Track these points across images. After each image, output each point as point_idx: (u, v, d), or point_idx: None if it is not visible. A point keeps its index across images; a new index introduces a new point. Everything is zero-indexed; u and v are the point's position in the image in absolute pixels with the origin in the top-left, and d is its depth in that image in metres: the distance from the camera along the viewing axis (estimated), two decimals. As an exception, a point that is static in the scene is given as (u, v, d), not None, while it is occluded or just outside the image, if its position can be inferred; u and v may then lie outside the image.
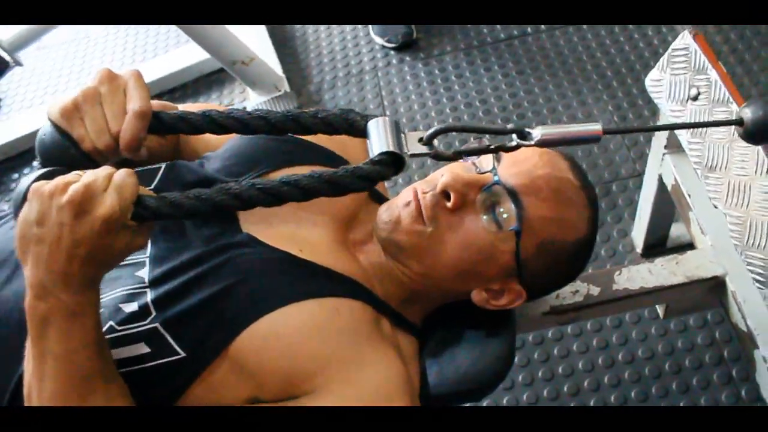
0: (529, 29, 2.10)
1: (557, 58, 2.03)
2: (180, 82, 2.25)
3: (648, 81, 1.23)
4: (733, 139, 1.07)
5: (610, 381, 1.46)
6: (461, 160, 0.97)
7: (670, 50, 1.19)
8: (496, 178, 0.87)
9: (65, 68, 2.44)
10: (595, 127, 0.73)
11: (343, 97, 2.08)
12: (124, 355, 0.79)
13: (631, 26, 2.06)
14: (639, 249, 1.61)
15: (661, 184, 1.38)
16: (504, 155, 0.91)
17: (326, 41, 2.25)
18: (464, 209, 0.88)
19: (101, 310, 0.80)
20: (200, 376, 0.79)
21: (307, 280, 0.84)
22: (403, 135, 0.74)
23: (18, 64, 2.07)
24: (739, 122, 0.76)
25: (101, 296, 0.81)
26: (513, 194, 0.86)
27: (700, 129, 1.12)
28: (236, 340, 0.79)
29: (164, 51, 2.40)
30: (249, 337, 0.79)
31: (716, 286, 1.17)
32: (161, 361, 0.79)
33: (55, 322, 0.69)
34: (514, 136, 0.72)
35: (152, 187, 0.91)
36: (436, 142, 0.74)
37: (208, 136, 1.07)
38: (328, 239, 0.91)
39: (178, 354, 0.79)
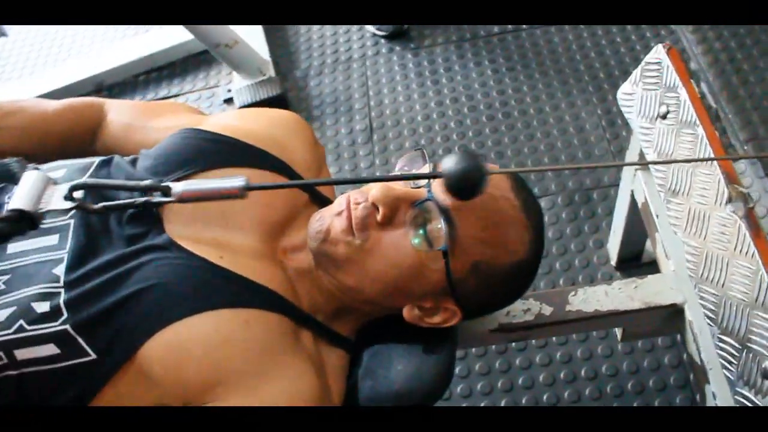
0: (523, 25, 2.04)
1: (549, 56, 1.97)
2: (168, 60, 2.21)
3: (620, 94, 1.18)
4: (697, 165, 1.02)
5: (570, 397, 1.42)
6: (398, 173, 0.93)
7: (643, 63, 1.13)
8: (429, 194, 0.84)
9: (51, 40, 2.41)
10: (236, 183, 0.69)
11: (329, 84, 2.04)
12: (33, 355, 0.77)
13: (628, 27, 1.98)
14: (613, 262, 1.57)
15: (634, 200, 1.33)
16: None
17: (317, 26, 2.20)
18: (394, 224, 0.84)
19: (12, 309, 0.78)
20: (110, 380, 0.78)
21: (221, 289, 0.82)
22: (49, 188, 0.71)
23: (2, 34, 2.05)
24: (438, 176, 0.71)
25: (15, 293, 0.79)
26: (445, 212, 0.82)
27: (666, 149, 1.07)
28: (143, 346, 0.77)
29: (154, 27, 2.36)
30: (155, 345, 0.77)
31: (674, 314, 1.12)
32: (72, 362, 0.78)
33: None
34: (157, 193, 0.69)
35: (83, 180, 0.89)
36: (80, 194, 0.71)
37: (142, 133, 1.04)
38: (253, 246, 0.88)
39: (89, 355, 0.78)
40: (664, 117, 1.08)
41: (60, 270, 0.81)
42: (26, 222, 0.70)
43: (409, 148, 1.84)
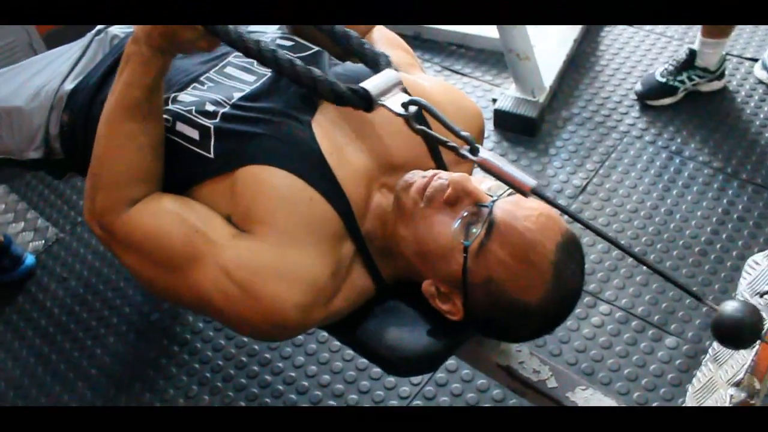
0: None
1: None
2: (482, 45, 2.46)
3: (749, 260, 1.15)
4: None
5: None
6: None
7: (788, 248, 1.10)
8: (490, 203, 0.96)
9: None
10: (528, 182, 0.82)
11: (581, 136, 2.13)
12: (183, 131, 1.08)
13: None
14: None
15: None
16: (516, 194, 0.97)
17: (619, 77, 2.29)
18: (454, 208, 0.98)
19: (196, 99, 1.10)
20: (212, 179, 1.05)
21: (310, 168, 1.02)
22: (395, 90, 0.92)
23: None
24: (713, 308, 0.76)
25: (208, 92, 1.11)
26: (490, 224, 0.94)
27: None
28: (240, 168, 1.02)
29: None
30: (246, 171, 1.01)
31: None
32: (199, 150, 1.07)
33: (131, 61, 1.02)
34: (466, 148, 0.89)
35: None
36: (412, 108, 0.90)
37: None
38: (361, 166, 1.06)
39: (210, 154, 1.06)
40: (762, 296, 1.05)
41: (237, 95, 1.10)
42: (365, 101, 0.92)
43: (600, 224, 1.88)
